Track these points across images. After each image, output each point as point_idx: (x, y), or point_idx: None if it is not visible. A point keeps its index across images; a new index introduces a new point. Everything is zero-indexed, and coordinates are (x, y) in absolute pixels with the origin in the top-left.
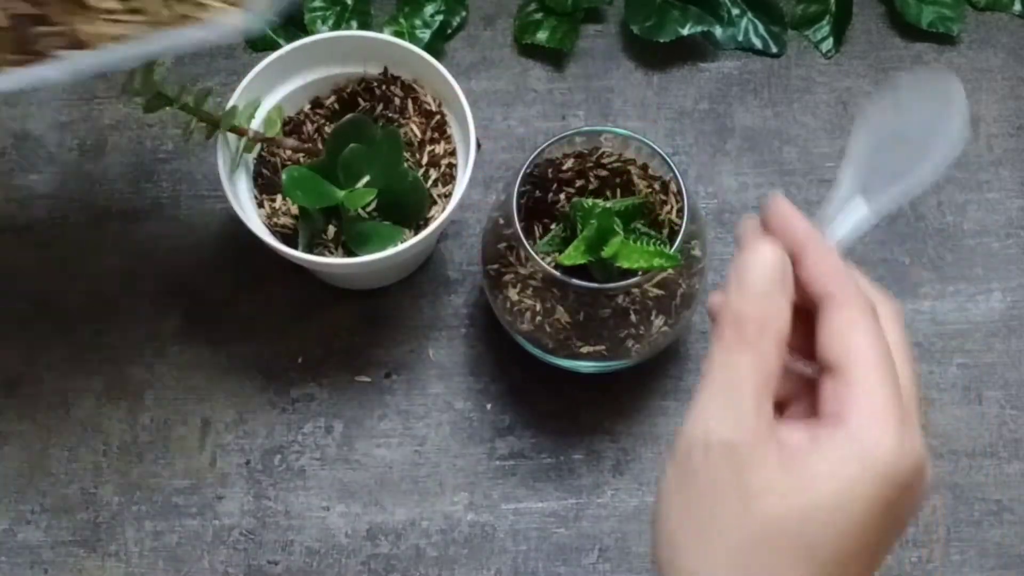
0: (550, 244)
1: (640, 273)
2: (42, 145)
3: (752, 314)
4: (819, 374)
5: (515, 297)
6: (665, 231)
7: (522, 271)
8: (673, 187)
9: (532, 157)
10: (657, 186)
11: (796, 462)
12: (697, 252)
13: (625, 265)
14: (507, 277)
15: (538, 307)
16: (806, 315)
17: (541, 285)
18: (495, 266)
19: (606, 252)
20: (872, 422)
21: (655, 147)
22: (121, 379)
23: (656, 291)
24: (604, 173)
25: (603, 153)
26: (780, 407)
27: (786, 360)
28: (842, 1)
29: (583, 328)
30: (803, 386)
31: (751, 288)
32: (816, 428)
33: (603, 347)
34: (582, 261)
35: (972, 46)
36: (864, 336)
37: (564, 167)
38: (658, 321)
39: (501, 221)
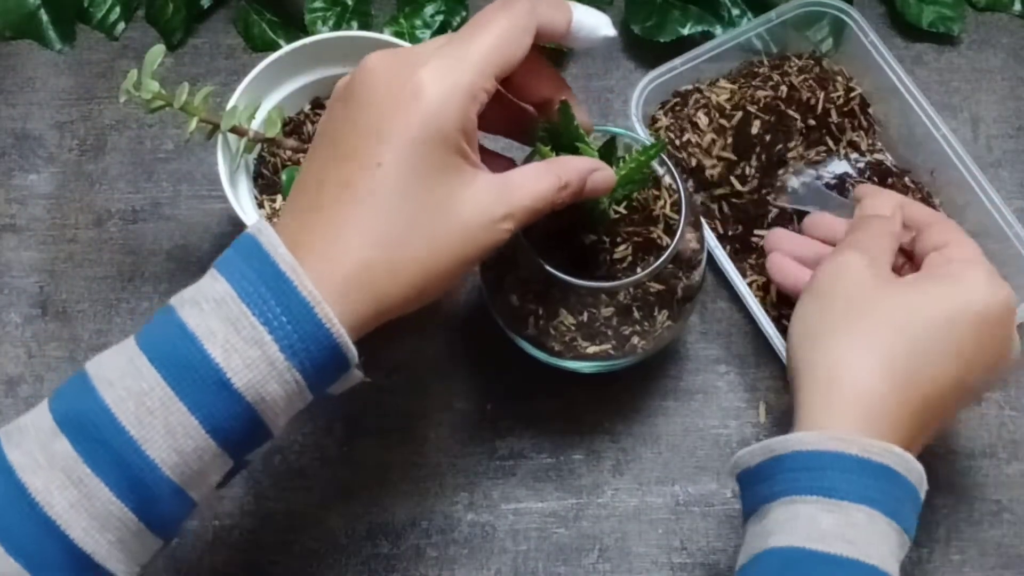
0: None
1: (640, 270)
2: (42, 145)
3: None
4: (924, 253)
5: (516, 302)
6: (660, 226)
7: (522, 274)
8: (666, 181)
9: (528, 157)
10: (650, 182)
11: (917, 285)
12: (695, 245)
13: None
14: (507, 282)
15: (540, 310)
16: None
17: (542, 288)
18: (494, 272)
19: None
20: (969, 272)
21: (645, 140)
22: None
23: (657, 286)
24: None
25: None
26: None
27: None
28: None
29: (588, 328)
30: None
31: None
32: (928, 273)
33: (609, 346)
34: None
35: (972, 46)
36: (961, 233)
37: None
38: (661, 316)
39: None
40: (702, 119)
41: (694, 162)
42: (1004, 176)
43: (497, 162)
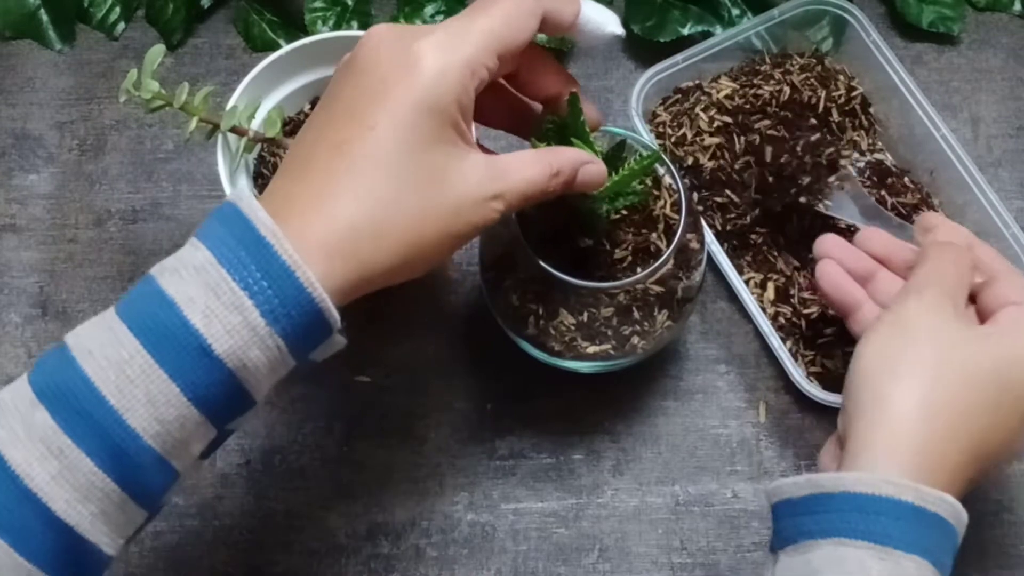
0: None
1: (639, 270)
2: (42, 145)
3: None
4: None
5: (516, 302)
6: (660, 226)
7: (522, 275)
8: (666, 181)
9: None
10: (650, 181)
11: (1000, 339)
12: (695, 245)
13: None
14: (507, 282)
15: (540, 310)
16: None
17: (542, 288)
18: (494, 272)
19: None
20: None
21: (644, 140)
22: None
23: (657, 287)
24: None
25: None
26: None
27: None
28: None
29: (588, 328)
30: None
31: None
32: (1011, 327)
33: (609, 346)
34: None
35: (972, 46)
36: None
37: None
38: (661, 316)
39: (499, 227)
40: (702, 116)
41: (690, 160)
42: (1004, 176)
43: (513, 102)
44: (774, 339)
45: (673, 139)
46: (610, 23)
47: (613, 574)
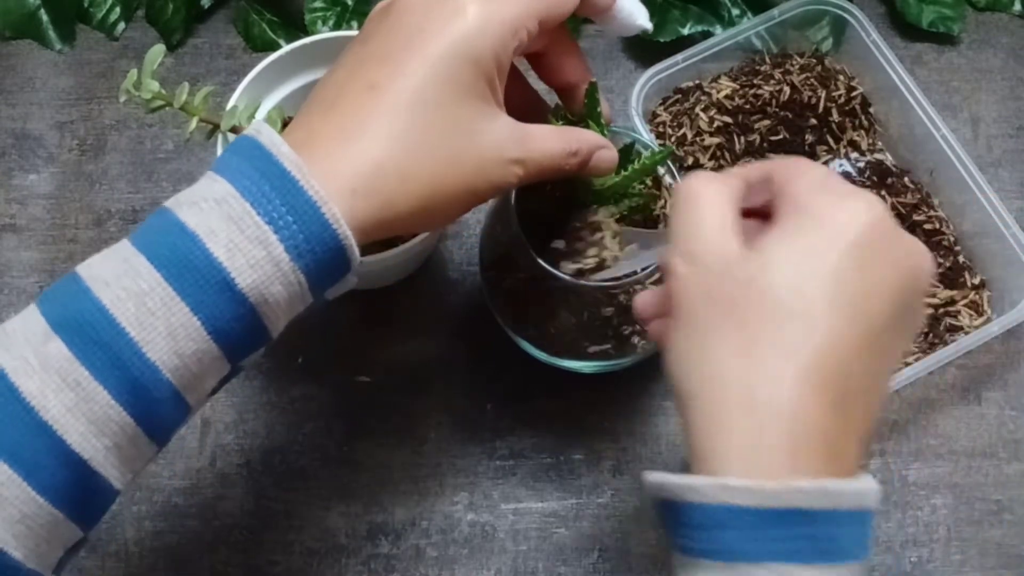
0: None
1: (640, 269)
2: (42, 145)
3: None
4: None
5: (516, 302)
6: (661, 226)
7: (522, 275)
8: (666, 181)
9: None
10: (650, 181)
11: (773, 247)
12: None
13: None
14: (507, 282)
15: (541, 310)
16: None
17: (542, 288)
18: (494, 272)
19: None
20: (813, 203)
21: (643, 139)
22: None
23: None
24: None
25: None
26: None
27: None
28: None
29: (588, 328)
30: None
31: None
32: (780, 225)
33: (609, 346)
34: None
35: (972, 46)
36: (801, 161)
37: None
38: None
39: (499, 227)
40: (702, 116)
41: (691, 160)
42: (1004, 176)
43: (531, 96)
44: None
45: (673, 139)
46: (641, 16)
47: (613, 574)
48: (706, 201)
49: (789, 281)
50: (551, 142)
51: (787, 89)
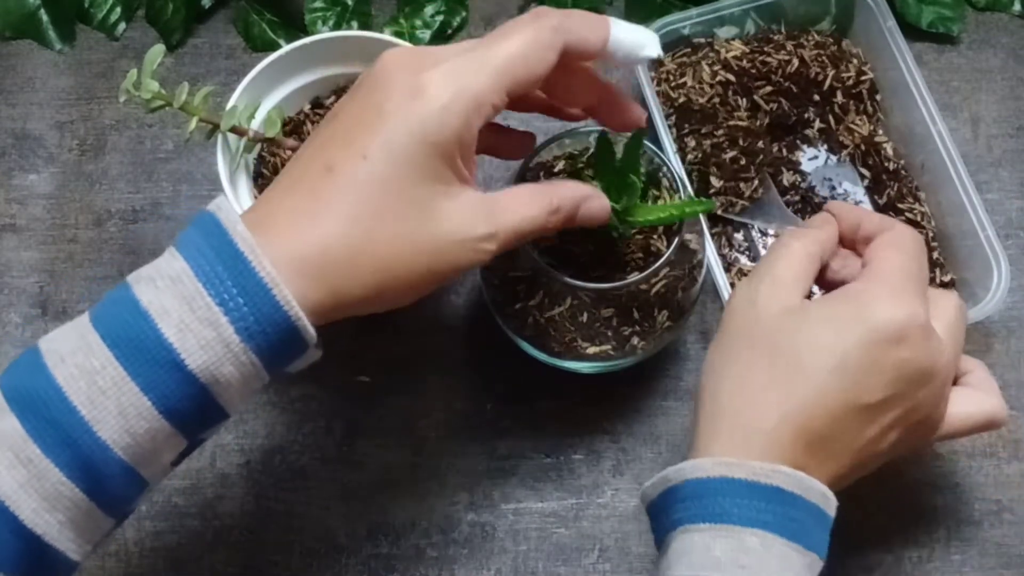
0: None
1: (640, 271)
2: (42, 145)
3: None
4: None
5: (516, 302)
6: (660, 226)
7: (522, 275)
8: (665, 182)
9: (526, 161)
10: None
11: (810, 311)
12: (695, 246)
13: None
14: (507, 282)
15: (541, 311)
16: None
17: (543, 288)
18: (494, 272)
19: (625, 211)
20: (868, 290)
21: (670, 164)
22: None
23: (657, 288)
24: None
25: (593, 153)
26: None
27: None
28: (842, 1)
29: (588, 328)
30: None
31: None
32: (827, 296)
33: (609, 346)
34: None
35: (972, 46)
36: (888, 245)
37: (556, 169)
38: (661, 316)
39: None
40: (706, 68)
41: (682, 99)
42: (1004, 176)
43: (514, 138)
44: None
45: (673, 84)
46: (647, 46)
47: (613, 574)
48: (792, 255)
49: (811, 341)
50: (525, 206)
51: (796, 61)
